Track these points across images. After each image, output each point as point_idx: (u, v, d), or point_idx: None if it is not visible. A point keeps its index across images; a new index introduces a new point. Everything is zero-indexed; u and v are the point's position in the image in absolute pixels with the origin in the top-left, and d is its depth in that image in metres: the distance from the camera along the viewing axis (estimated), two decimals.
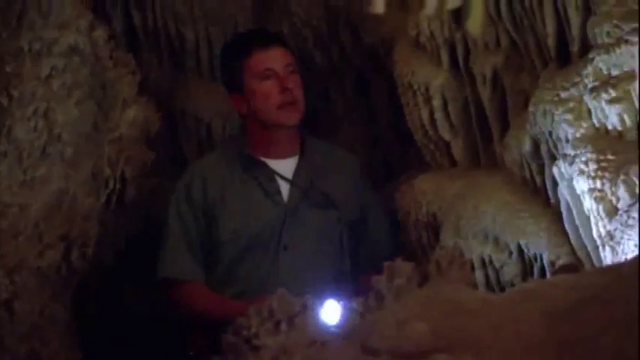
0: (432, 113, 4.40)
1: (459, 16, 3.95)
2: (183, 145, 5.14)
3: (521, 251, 3.94)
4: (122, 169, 4.73)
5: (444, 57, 4.30)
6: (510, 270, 4.00)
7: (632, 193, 3.24)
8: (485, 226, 4.05)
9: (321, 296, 3.37)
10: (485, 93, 4.23)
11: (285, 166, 3.76)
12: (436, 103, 4.36)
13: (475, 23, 2.37)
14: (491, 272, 4.05)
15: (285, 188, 3.74)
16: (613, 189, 3.31)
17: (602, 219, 3.36)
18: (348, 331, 1.78)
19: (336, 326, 1.91)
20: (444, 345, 1.60)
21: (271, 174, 3.74)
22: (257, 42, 3.80)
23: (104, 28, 4.70)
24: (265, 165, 3.75)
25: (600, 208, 3.36)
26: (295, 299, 1.89)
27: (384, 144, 4.99)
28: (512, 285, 3.85)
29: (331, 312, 2.41)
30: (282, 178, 3.73)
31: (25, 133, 4.45)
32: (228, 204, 3.71)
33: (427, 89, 4.37)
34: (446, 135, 4.42)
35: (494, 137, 4.29)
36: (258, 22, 4.97)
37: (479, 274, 4.02)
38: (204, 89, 5.09)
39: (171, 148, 5.14)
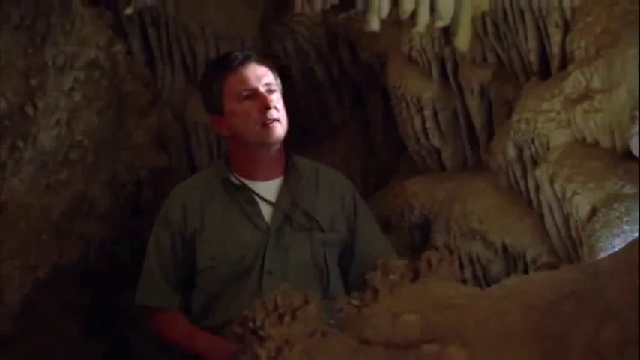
0: (423, 122, 4.41)
1: (448, 32, 3.95)
2: (194, 151, 5.15)
3: (505, 249, 3.95)
4: (138, 173, 4.73)
5: (435, 70, 4.31)
6: (496, 267, 4.00)
7: (607, 196, 3.24)
8: (473, 226, 4.06)
9: None
10: (472, 104, 4.24)
11: (268, 189, 3.40)
12: (427, 112, 4.37)
13: (463, 40, 2.37)
14: (478, 269, 4.05)
15: (267, 211, 3.36)
16: (590, 192, 3.31)
17: (580, 220, 3.37)
18: (346, 322, 1.78)
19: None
20: (433, 336, 1.61)
21: (252, 197, 3.37)
22: (234, 63, 3.42)
23: (122, 44, 4.71)
24: (246, 188, 3.39)
25: (578, 209, 3.36)
26: (297, 293, 1.89)
27: (379, 151, 4.99)
28: (498, 280, 3.85)
29: None
30: (265, 200, 3.37)
31: (49, 141, 4.45)
32: (207, 230, 3.36)
33: (419, 100, 4.37)
34: (436, 142, 4.43)
35: (480, 144, 4.30)
36: (263, 39, 4.98)
37: (467, 271, 4.03)
38: None
39: (183, 154, 5.15)
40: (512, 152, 3.85)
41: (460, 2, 2.37)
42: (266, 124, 3.32)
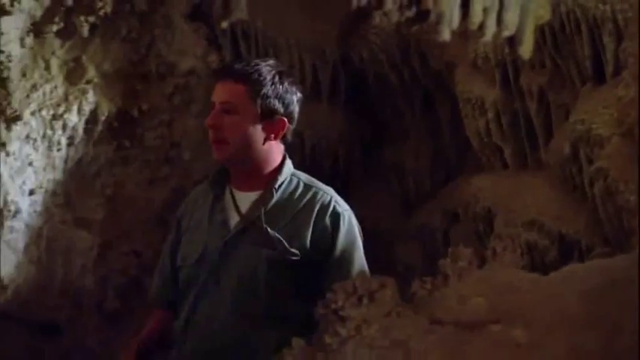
0: (487, 123, 4.40)
1: (510, 42, 3.93)
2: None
3: (562, 238, 3.92)
4: None
5: (497, 76, 4.29)
6: (552, 255, 3.98)
7: None
8: (532, 218, 4.04)
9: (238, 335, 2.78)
10: (532, 106, 4.21)
11: (246, 200, 3.02)
12: (490, 115, 4.35)
13: (527, 48, 2.37)
14: (536, 256, 4.03)
15: (235, 222, 2.98)
16: None
17: (631, 212, 3.34)
18: (419, 304, 1.80)
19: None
20: (498, 317, 1.62)
21: (224, 206, 3.02)
22: (217, 74, 3.18)
23: (216, 54, 4.78)
24: (226, 196, 3.03)
25: (630, 203, 3.33)
26: (374, 278, 1.91)
27: (446, 150, 4.99)
28: (554, 267, 3.83)
29: None
30: (238, 211, 3.01)
31: (152, 140, 4.55)
32: (188, 232, 3.06)
33: (483, 103, 4.36)
34: (498, 142, 4.41)
35: (539, 143, 4.27)
36: (342, 50, 4.99)
37: (527, 258, 4.01)
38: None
39: None
40: (569, 151, 3.82)
41: (525, 14, 2.36)
42: (211, 142, 2.92)
